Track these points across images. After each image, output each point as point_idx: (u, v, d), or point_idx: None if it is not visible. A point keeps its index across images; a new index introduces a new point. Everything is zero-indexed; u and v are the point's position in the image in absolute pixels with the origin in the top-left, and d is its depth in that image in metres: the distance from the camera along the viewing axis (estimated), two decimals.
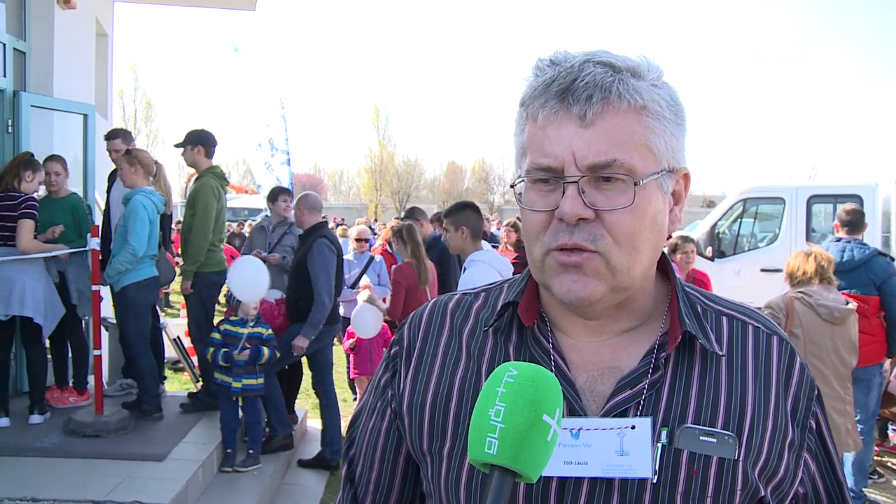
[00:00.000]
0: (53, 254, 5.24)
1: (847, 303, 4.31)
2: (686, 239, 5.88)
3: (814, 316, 4.17)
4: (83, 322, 5.71)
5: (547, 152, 0.91)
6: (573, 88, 0.90)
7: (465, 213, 4.73)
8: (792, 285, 4.39)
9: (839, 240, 5.17)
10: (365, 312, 5.89)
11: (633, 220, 0.91)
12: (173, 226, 7.48)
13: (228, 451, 5.05)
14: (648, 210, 0.92)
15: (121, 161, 5.38)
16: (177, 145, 5.95)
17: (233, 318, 5.12)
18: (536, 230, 0.94)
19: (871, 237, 9.96)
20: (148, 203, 5.20)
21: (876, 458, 6.01)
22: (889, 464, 6.19)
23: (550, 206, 0.92)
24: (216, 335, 5.09)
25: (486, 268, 4.39)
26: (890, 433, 6.53)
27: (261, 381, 5.08)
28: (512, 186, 0.99)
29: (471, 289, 1.15)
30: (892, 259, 5.16)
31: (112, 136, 5.91)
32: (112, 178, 5.94)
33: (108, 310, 5.76)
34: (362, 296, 6.17)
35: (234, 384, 4.96)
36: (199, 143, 5.78)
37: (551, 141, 0.91)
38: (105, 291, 5.37)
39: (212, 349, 5.02)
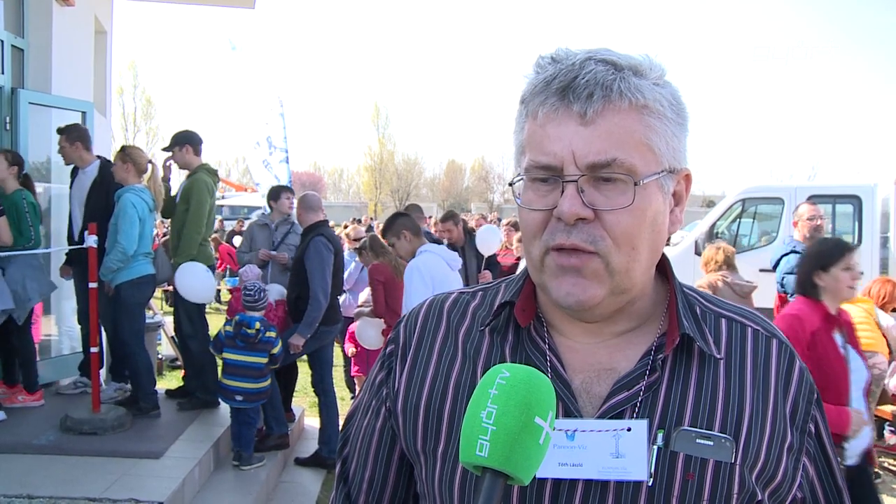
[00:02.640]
0: (33, 252, 5.29)
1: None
2: (847, 246, 3.62)
3: (731, 293, 5.17)
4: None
5: (546, 150, 0.90)
6: (574, 86, 0.88)
7: (399, 221, 5.09)
8: (707, 272, 5.42)
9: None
10: (366, 326, 5.91)
11: (633, 220, 0.89)
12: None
13: (246, 453, 5.06)
14: (648, 211, 0.91)
15: (68, 156, 5.57)
16: (165, 149, 5.97)
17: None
18: (534, 230, 0.93)
19: (870, 238, 10.00)
20: (137, 201, 5.19)
21: None
22: (886, 464, 6.19)
23: (549, 206, 0.91)
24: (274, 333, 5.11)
25: (432, 256, 4.77)
26: (886, 433, 6.53)
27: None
28: (511, 185, 0.98)
29: (468, 287, 1.14)
30: (798, 254, 5.21)
31: (59, 131, 5.76)
32: (73, 175, 5.85)
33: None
34: (362, 295, 6.20)
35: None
36: (185, 143, 5.81)
37: (551, 139, 0.90)
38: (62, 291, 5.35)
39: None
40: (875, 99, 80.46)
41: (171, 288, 6.50)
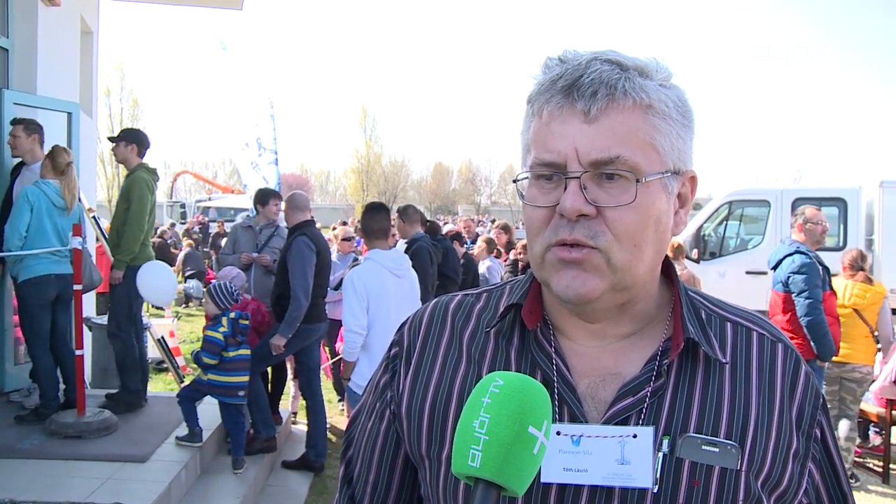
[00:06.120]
0: None
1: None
2: None
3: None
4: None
5: (550, 148, 0.90)
6: (578, 84, 0.89)
7: (364, 216, 4.83)
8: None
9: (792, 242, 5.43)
10: None
11: (636, 217, 0.89)
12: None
13: (237, 456, 5.05)
14: (652, 209, 0.91)
15: (21, 147, 5.38)
16: (110, 139, 5.89)
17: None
18: (538, 226, 0.93)
19: (855, 240, 10.09)
20: (35, 192, 5.09)
21: (857, 458, 6.06)
22: (871, 465, 6.24)
23: (552, 202, 0.91)
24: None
25: (373, 265, 4.51)
26: (871, 434, 6.58)
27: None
28: (515, 182, 0.98)
29: (472, 290, 1.14)
30: (804, 254, 5.20)
31: (15, 121, 5.64)
32: (15, 172, 5.72)
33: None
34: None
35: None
36: (133, 141, 5.77)
37: (555, 136, 0.90)
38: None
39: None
40: (860, 102, 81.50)
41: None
